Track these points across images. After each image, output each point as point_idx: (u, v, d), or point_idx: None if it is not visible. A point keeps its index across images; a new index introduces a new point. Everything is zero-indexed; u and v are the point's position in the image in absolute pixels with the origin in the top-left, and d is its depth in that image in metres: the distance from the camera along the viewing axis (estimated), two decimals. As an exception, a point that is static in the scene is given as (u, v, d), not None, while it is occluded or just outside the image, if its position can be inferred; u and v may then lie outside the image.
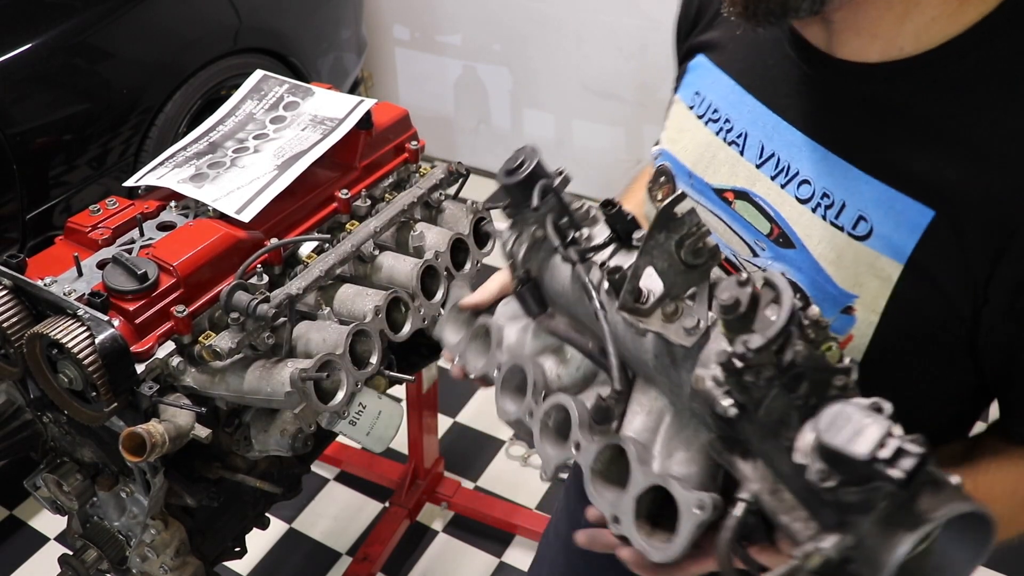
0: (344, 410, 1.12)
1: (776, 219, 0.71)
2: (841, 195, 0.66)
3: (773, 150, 0.72)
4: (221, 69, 2.23)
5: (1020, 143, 0.58)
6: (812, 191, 0.68)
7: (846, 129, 0.67)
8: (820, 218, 0.68)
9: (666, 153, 0.83)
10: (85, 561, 1.25)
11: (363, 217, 1.31)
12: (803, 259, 0.69)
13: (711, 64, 0.79)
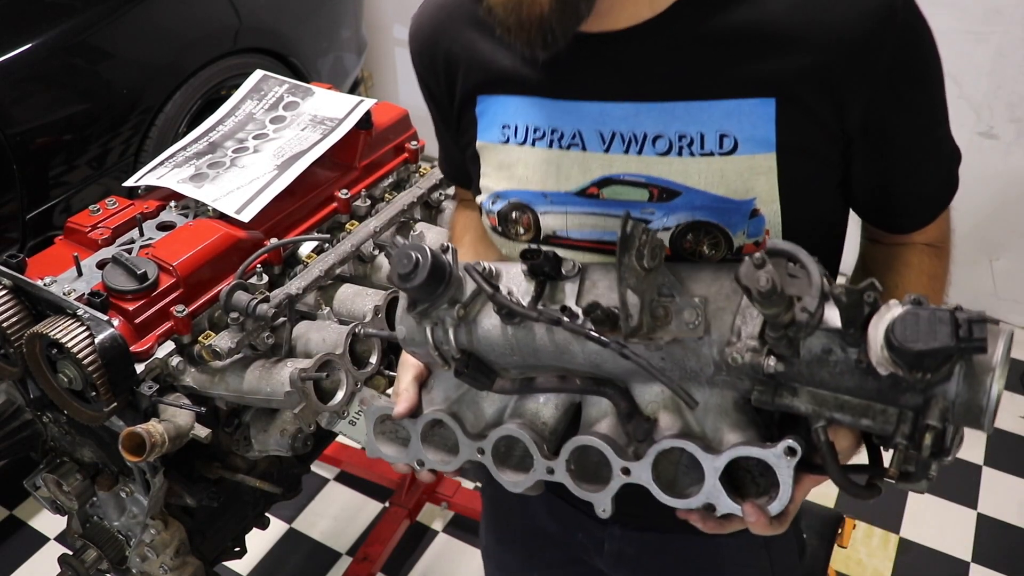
0: (344, 410, 1.12)
1: (649, 182, 0.76)
2: (694, 128, 0.74)
3: (612, 129, 0.76)
4: (221, 69, 2.23)
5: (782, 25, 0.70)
6: (668, 141, 0.75)
7: (661, 78, 0.74)
8: (688, 157, 0.74)
9: (504, 192, 0.83)
10: (85, 561, 1.25)
11: (363, 217, 1.31)
12: (693, 198, 0.75)
13: (500, 97, 0.82)
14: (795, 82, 0.71)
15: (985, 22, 2.35)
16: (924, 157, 0.80)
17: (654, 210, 0.77)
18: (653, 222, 0.77)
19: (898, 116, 0.75)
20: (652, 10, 0.72)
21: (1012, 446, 2.36)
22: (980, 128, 2.51)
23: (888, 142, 0.76)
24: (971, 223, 2.67)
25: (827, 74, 0.71)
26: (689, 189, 0.75)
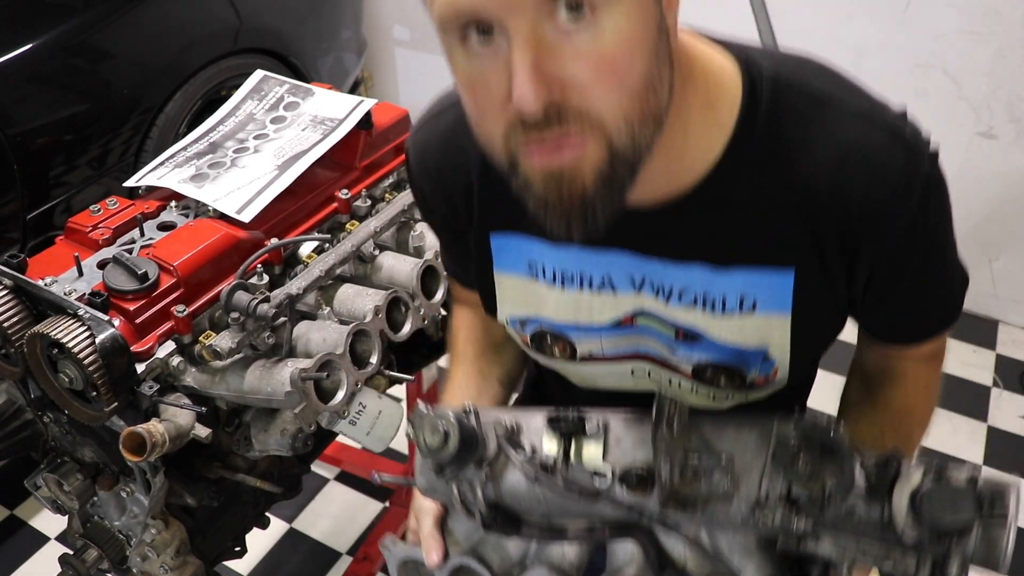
0: (344, 410, 1.12)
1: (672, 323, 0.81)
2: (717, 291, 0.77)
3: (643, 276, 0.79)
4: (221, 69, 2.23)
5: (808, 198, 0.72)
6: (693, 297, 0.78)
7: (687, 242, 0.76)
8: (710, 314, 0.79)
9: (533, 319, 0.87)
10: (85, 561, 1.25)
11: (363, 217, 1.31)
12: (712, 346, 0.80)
13: (519, 237, 0.83)
14: (814, 249, 0.75)
15: (985, 22, 2.35)
16: (930, 288, 0.83)
17: (677, 347, 0.82)
18: (677, 354, 0.82)
19: (909, 261, 0.77)
20: (680, 186, 0.73)
21: (1012, 446, 2.36)
22: (980, 128, 2.51)
23: (897, 282, 0.79)
24: (971, 223, 2.67)
25: (847, 239, 0.74)
26: (709, 339, 0.80)
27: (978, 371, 2.61)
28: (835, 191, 0.72)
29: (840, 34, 2.57)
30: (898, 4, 2.44)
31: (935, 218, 0.77)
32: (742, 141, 0.72)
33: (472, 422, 0.77)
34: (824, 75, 0.76)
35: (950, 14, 2.38)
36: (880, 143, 0.72)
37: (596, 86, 0.59)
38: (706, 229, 0.75)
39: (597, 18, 0.57)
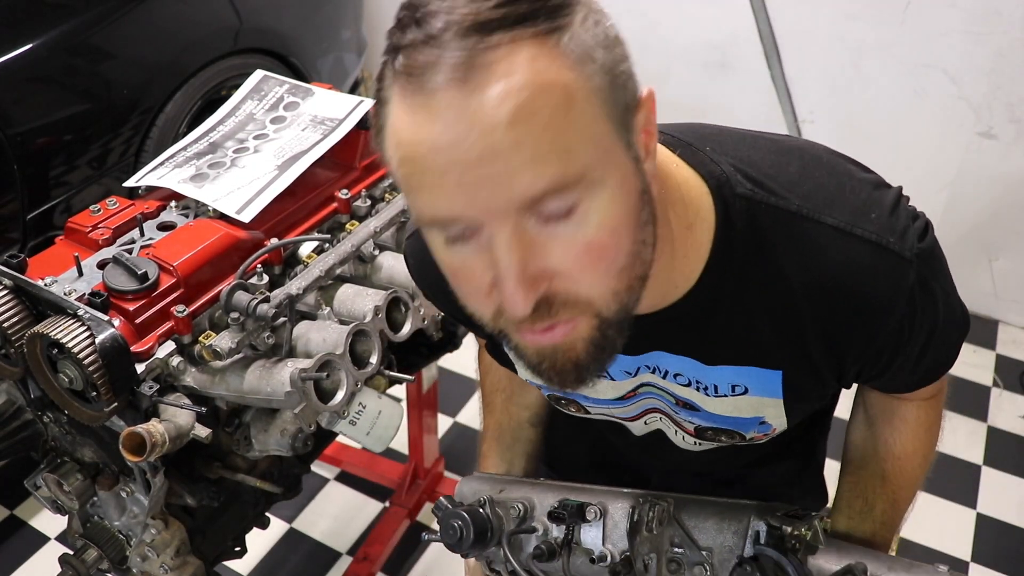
0: (344, 410, 1.12)
1: (672, 395, 0.86)
2: (708, 380, 0.81)
3: (639, 364, 0.83)
4: (221, 69, 2.23)
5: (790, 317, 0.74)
6: (687, 379, 0.82)
7: (678, 339, 0.79)
8: (703, 394, 0.83)
9: (543, 386, 0.94)
10: (85, 561, 1.25)
11: (363, 217, 1.31)
12: (709, 416, 0.86)
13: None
14: (799, 355, 0.77)
15: (985, 22, 2.35)
16: (926, 355, 0.81)
17: (678, 410, 0.88)
18: (679, 413, 0.88)
19: (900, 351, 0.78)
20: (668, 300, 0.74)
21: (1012, 446, 2.36)
22: (980, 128, 2.51)
23: (888, 366, 0.80)
24: (971, 223, 2.67)
25: (832, 347, 0.76)
26: (705, 410, 0.85)
27: (978, 371, 2.61)
28: (816, 311, 0.73)
29: (840, 34, 2.57)
30: (898, 4, 2.44)
31: (927, 313, 0.76)
32: (721, 260, 0.72)
33: (487, 511, 0.89)
34: (803, 177, 0.74)
35: (950, 14, 2.38)
36: (860, 261, 0.71)
37: (583, 273, 0.59)
38: (694, 333, 0.78)
39: (580, 211, 0.57)
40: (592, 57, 0.56)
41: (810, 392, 0.82)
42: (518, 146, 0.53)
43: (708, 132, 0.79)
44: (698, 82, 2.87)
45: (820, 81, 2.68)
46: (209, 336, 1.08)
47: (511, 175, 0.54)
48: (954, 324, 0.82)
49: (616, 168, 0.59)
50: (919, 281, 0.74)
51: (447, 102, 0.53)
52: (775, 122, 2.81)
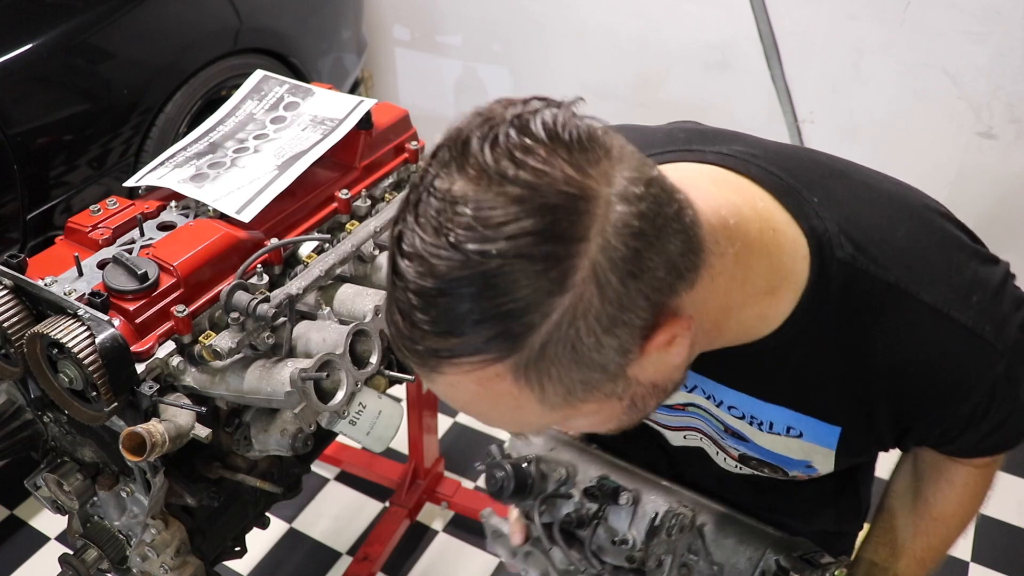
0: (344, 410, 1.12)
1: (722, 422, 0.86)
2: (765, 417, 0.81)
3: (695, 383, 0.83)
4: (221, 69, 2.23)
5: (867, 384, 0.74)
6: (741, 413, 0.82)
7: (743, 375, 0.79)
8: (755, 428, 0.82)
9: None
10: (85, 560, 1.25)
11: (363, 217, 1.31)
12: (758, 448, 0.86)
13: None
14: (863, 416, 0.76)
15: (985, 22, 2.35)
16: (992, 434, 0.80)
17: (725, 437, 0.88)
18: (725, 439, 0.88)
19: (965, 431, 0.78)
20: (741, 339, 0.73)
21: (1012, 446, 2.36)
22: (980, 128, 2.51)
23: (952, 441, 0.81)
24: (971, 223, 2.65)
25: (901, 418, 0.76)
26: (756, 443, 0.85)
27: (978, 371, 2.60)
28: (893, 387, 0.73)
29: (840, 34, 2.57)
30: (898, 4, 2.44)
31: (1006, 402, 0.75)
32: (806, 318, 0.71)
33: (532, 467, 0.93)
34: (910, 245, 0.72)
35: (950, 14, 2.38)
36: (950, 345, 0.71)
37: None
38: (760, 375, 0.78)
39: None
40: (558, 376, 0.57)
41: (865, 450, 0.83)
42: (480, 415, 0.63)
43: (823, 174, 0.76)
44: (698, 82, 2.87)
45: (820, 81, 2.68)
46: (209, 336, 1.08)
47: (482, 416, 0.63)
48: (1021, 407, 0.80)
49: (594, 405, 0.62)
50: (1007, 373, 0.73)
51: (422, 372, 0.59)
52: (775, 122, 2.81)
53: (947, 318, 0.70)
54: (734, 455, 0.91)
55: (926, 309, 0.70)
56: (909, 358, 0.71)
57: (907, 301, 0.70)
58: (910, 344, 0.71)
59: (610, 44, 2.99)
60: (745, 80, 2.79)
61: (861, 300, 0.70)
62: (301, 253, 1.23)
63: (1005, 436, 0.81)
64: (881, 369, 0.72)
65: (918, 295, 0.70)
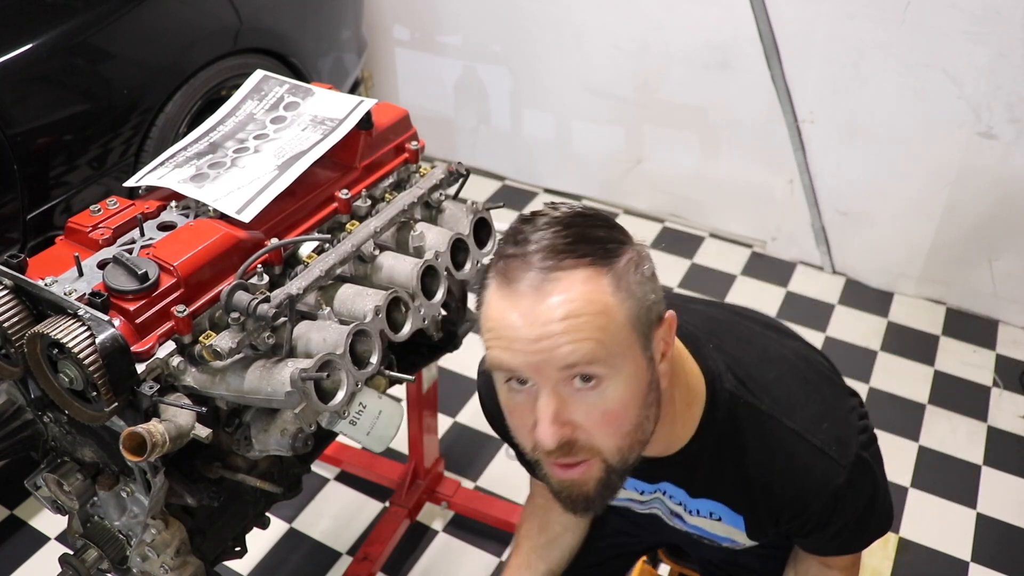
0: (344, 410, 1.12)
1: (668, 508, 1.13)
2: (693, 506, 1.09)
3: (644, 488, 1.11)
4: (221, 69, 2.23)
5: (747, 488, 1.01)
6: (679, 500, 1.10)
7: (671, 476, 1.06)
8: (689, 514, 1.11)
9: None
10: (85, 561, 1.25)
11: (363, 217, 1.31)
12: (693, 527, 1.13)
13: None
14: (757, 511, 1.03)
15: (985, 22, 2.35)
16: (840, 541, 1.07)
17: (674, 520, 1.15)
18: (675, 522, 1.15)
19: (822, 533, 1.03)
20: (666, 452, 1.00)
21: (1012, 446, 2.36)
22: (979, 128, 2.51)
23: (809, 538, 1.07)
24: (971, 223, 2.67)
25: (775, 515, 1.02)
26: (694, 526, 1.13)
27: (978, 371, 2.61)
28: (764, 486, 0.99)
29: (840, 34, 2.57)
30: (898, 4, 2.44)
31: (849, 507, 0.99)
32: (706, 433, 0.98)
33: None
34: (775, 390, 0.99)
35: (950, 14, 2.38)
36: (803, 459, 0.96)
37: (598, 431, 0.83)
38: (686, 474, 1.05)
39: (603, 387, 0.81)
40: (629, 287, 0.82)
41: (766, 531, 1.06)
42: (564, 333, 0.78)
43: (718, 327, 1.06)
44: (698, 82, 2.88)
45: (820, 81, 2.68)
46: (209, 336, 1.08)
47: (555, 350, 0.79)
48: (875, 519, 1.06)
49: (633, 363, 0.83)
50: (848, 483, 0.97)
51: (524, 301, 0.80)
52: (775, 122, 2.81)
53: (802, 439, 0.97)
54: (683, 529, 1.17)
55: (787, 431, 0.97)
56: (775, 467, 0.97)
57: (773, 424, 0.97)
58: (775, 457, 0.97)
59: (610, 44, 2.99)
60: (745, 80, 2.79)
61: (741, 421, 0.97)
62: (301, 253, 1.23)
63: (850, 539, 1.06)
64: (756, 474, 0.98)
65: (781, 420, 0.97)
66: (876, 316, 2.83)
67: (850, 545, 1.08)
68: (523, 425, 0.86)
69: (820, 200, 2.90)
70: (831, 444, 0.97)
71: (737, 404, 0.97)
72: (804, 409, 0.98)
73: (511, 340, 0.80)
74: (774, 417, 0.97)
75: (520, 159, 3.47)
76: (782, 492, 0.98)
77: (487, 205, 1.39)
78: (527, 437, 0.86)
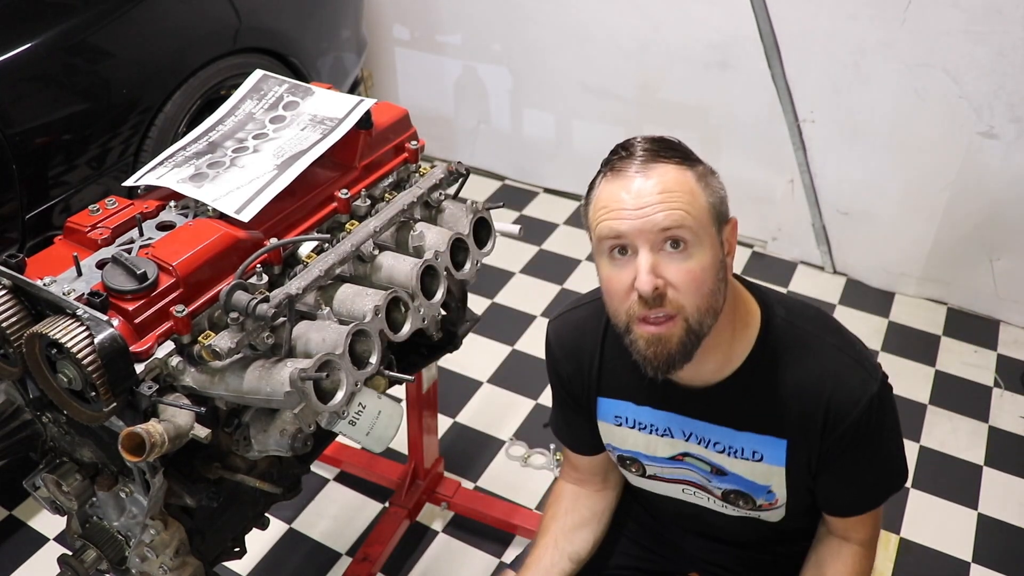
0: (344, 410, 1.11)
1: (709, 462, 1.21)
2: (738, 445, 1.17)
3: (691, 431, 1.20)
4: (221, 69, 2.23)
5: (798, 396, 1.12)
6: (723, 447, 1.18)
7: (720, 411, 1.17)
8: (732, 458, 1.18)
9: (620, 449, 1.28)
10: (84, 561, 1.24)
11: (363, 217, 1.30)
12: (733, 478, 1.20)
13: (615, 400, 1.25)
14: (801, 428, 1.13)
15: (985, 22, 2.35)
16: (858, 476, 1.17)
17: (711, 478, 1.22)
18: (711, 482, 1.23)
19: (848, 450, 1.13)
20: (718, 378, 1.14)
21: (1012, 446, 2.36)
22: (980, 128, 2.51)
23: (836, 463, 1.15)
24: (971, 223, 2.67)
25: (822, 426, 1.12)
26: (732, 473, 1.20)
27: (979, 371, 2.60)
28: (816, 394, 1.11)
29: (841, 34, 2.56)
30: (899, 3, 2.43)
31: (876, 424, 1.12)
32: (760, 354, 1.13)
33: None
34: (816, 321, 1.17)
35: (951, 13, 2.38)
36: (845, 367, 1.11)
37: (684, 287, 1.01)
38: (730, 406, 1.15)
39: (689, 252, 1.01)
40: (708, 184, 1.04)
41: (804, 465, 1.15)
42: (660, 203, 1.00)
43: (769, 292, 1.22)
44: (699, 82, 2.87)
45: (820, 81, 2.68)
46: (208, 336, 1.07)
47: (653, 215, 0.99)
48: (894, 463, 1.20)
49: (711, 240, 1.03)
50: (879, 395, 1.11)
51: (630, 182, 1.02)
52: (776, 122, 2.81)
53: (843, 352, 1.13)
54: (718, 495, 1.24)
55: (830, 346, 1.13)
56: (821, 376, 1.11)
57: (816, 343, 1.14)
58: (822, 367, 1.12)
59: (610, 44, 2.98)
60: (745, 80, 2.79)
61: (790, 341, 1.13)
62: (301, 253, 1.23)
63: (873, 485, 1.19)
64: (805, 386, 1.11)
65: (824, 339, 1.14)
66: (877, 316, 2.83)
67: (871, 493, 1.19)
68: (620, 290, 1.03)
69: (821, 200, 2.90)
70: (865, 360, 1.13)
71: (786, 329, 1.14)
72: (840, 336, 1.16)
73: (619, 211, 1.01)
74: (818, 336, 1.14)
75: (520, 159, 3.46)
76: (828, 398, 1.10)
77: (487, 205, 1.38)
78: (623, 300, 1.03)
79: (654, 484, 1.30)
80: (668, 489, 1.30)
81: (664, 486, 1.30)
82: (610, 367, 1.24)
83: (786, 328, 1.14)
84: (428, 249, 1.28)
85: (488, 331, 2.72)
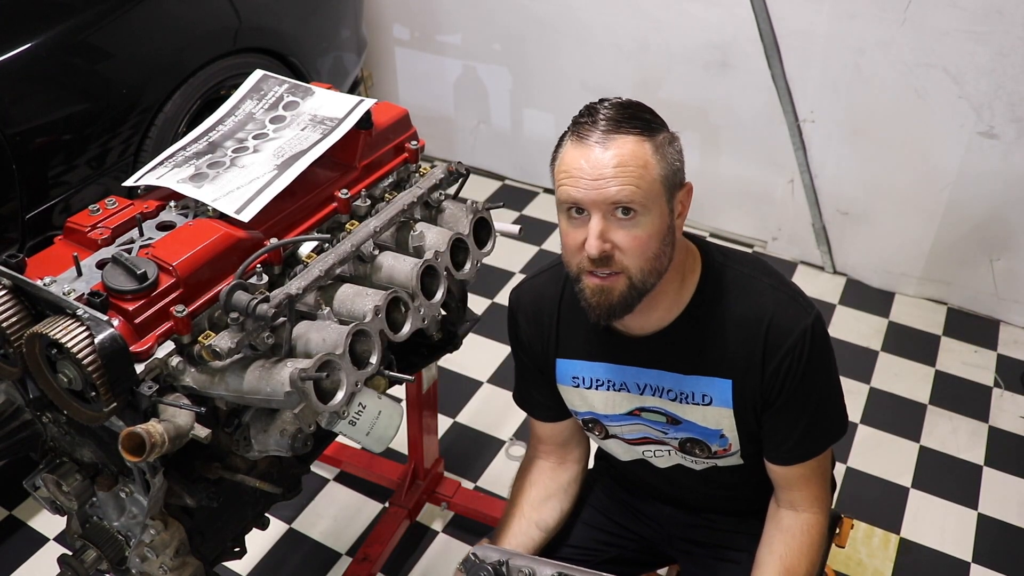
0: (344, 410, 1.11)
1: (664, 412, 1.28)
2: (688, 390, 1.25)
3: (645, 383, 1.27)
4: (221, 69, 2.23)
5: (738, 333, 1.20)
6: (675, 394, 1.26)
7: (669, 359, 1.24)
8: (683, 404, 1.26)
9: (581, 412, 1.36)
10: (84, 561, 1.24)
11: (363, 217, 1.30)
12: (687, 426, 1.28)
13: (572, 360, 1.32)
14: (745, 367, 1.21)
15: (985, 22, 2.35)
16: (802, 413, 1.23)
17: (667, 429, 1.30)
18: (668, 432, 1.30)
19: (784, 388, 1.20)
20: (663, 324, 1.22)
21: (1012, 446, 2.36)
22: (980, 128, 2.51)
23: (773, 404, 1.22)
24: (971, 223, 2.67)
25: (758, 362, 1.20)
26: (686, 420, 1.27)
27: (979, 371, 2.61)
28: (754, 329, 1.19)
29: (841, 34, 2.56)
30: (899, 3, 2.43)
31: (810, 358, 1.19)
32: (700, 299, 1.22)
33: (505, 570, 1.27)
34: (753, 264, 1.26)
35: (951, 13, 2.38)
36: (780, 304, 1.20)
37: (630, 251, 1.10)
38: (677, 350, 1.23)
39: (637, 220, 1.09)
40: (664, 155, 1.11)
41: (751, 406, 1.22)
42: (614, 177, 1.07)
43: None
44: (699, 82, 2.87)
45: (821, 81, 2.68)
46: (208, 336, 1.07)
47: (607, 187, 1.07)
48: (833, 407, 1.27)
49: (659, 208, 1.11)
50: (813, 328, 1.19)
51: (591, 150, 1.09)
52: (775, 122, 2.81)
53: (777, 290, 1.21)
54: (675, 446, 1.32)
55: (765, 284, 1.22)
56: (758, 313, 1.19)
57: (754, 283, 1.22)
58: (759, 304, 1.20)
59: (610, 44, 2.98)
60: (745, 80, 2.79)
61: (729, 283, 1.22)
62: (301, 253, 1.23)
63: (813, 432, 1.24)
64: (744, 323, 1.19)
65: (759, 278, 1.23)
66: (877, 316, 2.83)
67: (811, 436, 1.24)
68: (575, 244, 1.12)
69: (821, 200, 2.90)
70: (799, 297, 1.22)
71: (725, 271, 1.23)
72: (775, 276, 1.25)
73: (578, 179, 1.09)
74: (755, 277, 1.23)
75: (520, 159, 3.46)
76: (765, 330, 1.18)
77: (487, 205, 1.38)
78: (576, 254, 1.13)
79: (618, 446, 1.38)
80: (632, 452, 1.38)
81: (628, 449, 1.38)
82: (567, 328, 1.32)
83: (724, 271, 1.23)
84: (428, 249, 1.28)
85: (488, 331, 2.71)
